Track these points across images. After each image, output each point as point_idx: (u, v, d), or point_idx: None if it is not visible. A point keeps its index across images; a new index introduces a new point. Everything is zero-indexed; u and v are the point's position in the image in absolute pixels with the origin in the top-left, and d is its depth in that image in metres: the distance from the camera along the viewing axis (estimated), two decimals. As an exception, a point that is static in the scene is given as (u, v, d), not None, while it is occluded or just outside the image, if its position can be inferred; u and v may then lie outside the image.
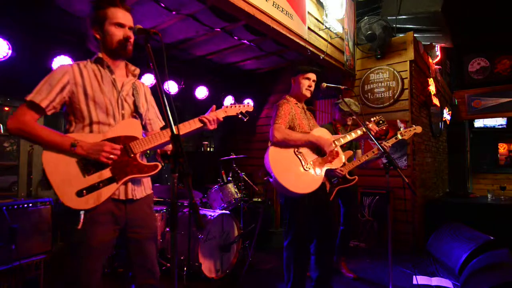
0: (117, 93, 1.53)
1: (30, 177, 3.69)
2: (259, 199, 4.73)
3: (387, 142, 2.92)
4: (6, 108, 4.02)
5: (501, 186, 4.96)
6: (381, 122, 2.77)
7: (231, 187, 3.59)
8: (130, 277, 1.54)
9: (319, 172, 2.35)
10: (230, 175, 3.88)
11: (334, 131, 3.27)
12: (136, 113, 1.58)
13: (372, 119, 2.78)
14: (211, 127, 1.68)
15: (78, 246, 1.36)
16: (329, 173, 2.97)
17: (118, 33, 1.51)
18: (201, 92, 4.69)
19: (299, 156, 2.33)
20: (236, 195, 3.56)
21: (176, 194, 1.15)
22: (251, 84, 5.69)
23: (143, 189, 1.58)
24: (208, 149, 6.21)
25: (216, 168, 4.08)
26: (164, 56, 1.57)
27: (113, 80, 1.54)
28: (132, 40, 1.55)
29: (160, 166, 1.51)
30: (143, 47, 1.41)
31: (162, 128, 1.72)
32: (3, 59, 2.85)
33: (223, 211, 3.31)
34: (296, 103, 2.53)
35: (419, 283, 3.02)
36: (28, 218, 2.66)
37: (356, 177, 2.99)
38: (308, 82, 2.51)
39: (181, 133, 1.56)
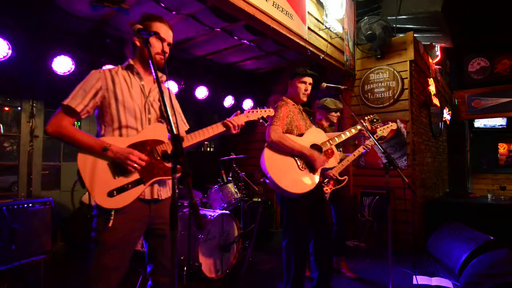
0: (145, 99, 1.60)
1: (30, 177, 3.69)
2: (259, 199, 4.73)
3: (370, 142, 2.97)
4: (6, 108, 4.02)
5: (501, 186, 4.96)
6: (375, 120, 2.77)
7: (231, 187, 3.59)
8: (148, 272, 1.61)
9: (315, 172, 2.35)
10: (230, 175, 3.88)
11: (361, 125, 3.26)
12: (162, 117, 1.65)
13: (366, 118, 2.77)
14: (235, 131, 1.77)
15: (109, 244, 1.42)
16: (322, 174, 2.98)
17: (158, 46, 1.59)
18: (201, 92, 4.69)
19: (295, 157, 2.33)
20: (236, 195, 3.56)
21: (176, 194, 1.15)
22: (251, 84, 5.69)
23: (168, 189, 1.66)
24: (208, 149, 6.21)
25: (216, 168, 4.08)
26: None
27: (141, 86, 1.61)
28: (167, 54, 1.64)
29: (181, 169, 1.56)
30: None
31: (187, 132, 1.78)
32: (3, 59, 2.85)
33: (223, 211, 3.31)
34: (294, 105, 2.53)
35: (419, 283, 3.02)
36: (28, 218, 2.66)
37: (346, 177, 2.97)
38: (304, 86, 2.50)
39: (205, 137, 1.68)
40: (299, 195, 2.26)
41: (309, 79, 2.52)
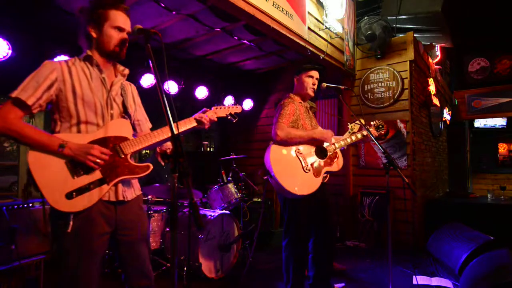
0: (107, 93, 1.49)
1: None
2: (259, 199, 4.73)
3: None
4: (6, 108, 4.01)
5: (501, 186, 4.96)
6: (380, 126, 2.78)
7: (231, 187, 3.59)
8: (123, 279, 1.52)
9: (319, 175, 2.35)
10: (230, 175, 3.88)
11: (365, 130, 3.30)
12: (125, 113, 1.55)
13: (372, 123, 2.77)
14: (206, 126, 1.72)
15: (70, 250, 1.31)
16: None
17: (117, 37, 1.48)
18: (201, 92, 4.69)
19: (300, 157, 2.33)
20: (236, 195, 3.56)
21: (176, 194, 1.15)
22: (251, 84, 5.69)
23: (133, 190, 1.55)
24: (208, 149, 6.21)
25: (216, 168, 4.08)
26: (164, 56, 1.57)
27: (102, 79, 1.49)
28: (127, 44, 1.53)
29: (151, 167, 1.49)
30: (143, 47, 1.40)
31: (152, 129, 1.71)
32: (3, 59, 2.85)
33: (223, 211, 3.31)
34: (301, 102, 2.52)
35: (419, 283, 3.02)
36: (28, 218, 2.66)
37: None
38: (312, 80, 2.50)
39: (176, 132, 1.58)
40: (301, 196, 2.26)
41: (316, 74, 2.53)
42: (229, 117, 1.90)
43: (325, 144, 2.47)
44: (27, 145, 1.30)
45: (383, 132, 2.79)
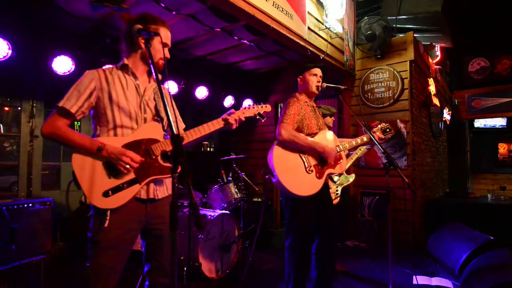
0: (140, 98, 1.60)
1: (30, 177, 3.69)
2: (259, 199, 4.73)
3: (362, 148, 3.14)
4: (6, 108, 4.02)
5: (501, 186, 4.96)
6: (387, 130, 2.74)
7: (231, 187, 3.59)
8: (145, 272, 1.60)
9: (321, 176, 2.34)
10: (230, 175, 3.88)
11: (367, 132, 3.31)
12: (157, 116, 1.64)
13: (379, 126, 2.75)
14: (234, 127, 1.78)
15: (105, 244, 1.42)
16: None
17: (160, 50, 1.59)
18: (201, 92, 4.69)
19: (303, 158, 2.32)
20: (236, 195, 3.56)
21: (176, 194, 1.15)
22: (251, 84, 5.69)
23: (165, 189, 1.64)
24: (208, 149, 6.21)
25: (216, 168, 4.08)
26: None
27: (136, 85, 1.60)
28: (168, 57, 1.64)
29: (179, 168, 1.55)
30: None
31: (186, 130, 1.78)
32: (3, 59, 2.85)
33: (223, 211, 3.31)
34: (306, 102, 2.50)
35: (419, 283, 3.02)
36: (28, 218, 2.66)
37: (354, 174, 3.03)
38: (316, 78, 2.49)
39: (205, 133, 1.68)
40: (303, 197, 2.25)
41: (319, 71, 2.52)
42: (257, 117, 1.94)
43: (329, 145, 2.43)
44: (71, 147, 1.44)
45: (390, 136, 2.76)
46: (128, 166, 1.45)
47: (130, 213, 1.48)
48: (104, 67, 1.59)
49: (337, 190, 3.12)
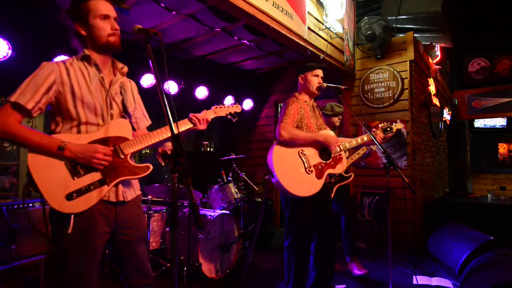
0: (106, 92, 1.47)
1: (30, 177, 3.69)
2: (259, 199, 4.73)
3: (359, 152, 3.17)
4: (6, 108, 4.01)
5: (501, 186, 4.96)
6: (388, 129, 2.75)
7: (231, 187, 3.59)
8: (122, 279, 1.51)
9: (321, 176, 2.34)
10: (230, 175, 3.88)
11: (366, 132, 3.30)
12: (124, 112, 1.53)
13: (380, 125, 2.75)
14: (201, 127, 1.67)
15: (70, 250, 1.31)
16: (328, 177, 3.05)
17: (105, 26, 1.44)
18: (201, 92, 4.69)
19: (303, 158, 2.32)
20: (236, 195, 3.56)
21: (176, 194, 1.15)
22: (251, 84, 5.69)
23: (133, 190, 1.55)
24: (208, 149, 6.21)
25: (216, 168, 4.08)
26: (164, 56, 1.57)
27: (101, 78, 1.47)
28: (119, 31, 1.49)
29: (151, 168, 1.48)
30: (143, 47, 1.40)
31: (149, 127, 1.70)
32: (3, 59, 2.85)
33: (223, 211, 3.31)
34: (305, 101, 2.50)
35: (419, 283, 3.02)
36: (28, 218, 2.66)
37: (352, 174, 3.03)
38: (317, 79, 2.49)
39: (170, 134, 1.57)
40: (303, 197, 2.25)
41: (321, 72, 2.52)
42: (228, 117, 1.87)
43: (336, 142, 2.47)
44: (26, 147, 1.30)
45: (390, 135, 2.76)
46: (103, 162, 1.34)
47: (99, 217, 1.37)
48: (59, 59, 1.43)
49: (331, 188, 3.12)
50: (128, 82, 1.64)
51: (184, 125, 1.64)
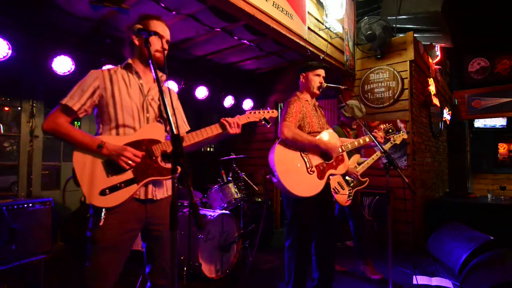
0: (143, 98, 1.59)
1: (30, 177, 3.69)
2: (259, 199, 4.73)
3: (386, 147, 3.07)
4: (6, 108, 4.01)
5: (501, 186, 4.96)
6: (390, 130, 2.74)
7: (231, 187, 3.59)
8: (146, 274, 1.61)
9: (323, 177, 2.34)
10: (230, 175, 3.88)
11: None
12: (160, 117, 1.63)
13: (382, 127, 2.75)
14: (232, 130, 1.70)
15: (99, 242, 1.42)
16: (345, 175, 3.08)
17: (157, 43, 1.58)
18: (201, 92, 4.69)
19: (305, 159, 2.31)
20: (236, 195, 3.56)
21: (176, 194, 1.15)
22: (251, 84, 5.69)
23: (165, 190, 1.63)
24: (208, 149, 6.21)
25: (216, 168, 4.08)
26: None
27: (140, 85, 1.61)
28: (166, 51, 1.63)
29: (179, 170, 1.53)
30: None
31: (188, 133, 1.75)
32: (3, 59, 2.85)
33: (223, 211, 3.31)
34: (307, 101, 2.50)
35: (419, 283, 3.02)
36: (28, 218, 2.66)
37: (367, 179, 3.06)
38: (319, 79, 2.49)
39: (203, 138, 1.64)
40: (304, 198, 2.25)
41: (322, 72, 2.52)
42: (263, 122, 1.89)
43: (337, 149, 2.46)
44: (72, 144, 1.45)
45: (392, 136, 2.76)
46: (130, 162, 1.45)
47: (129, 213, 1.48)
48: (105, 67, 1.60)
49: (350, 192, 3.12)
50: (167, 90, 1.73)
51: (216, 130, 1.69)
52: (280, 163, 2.23)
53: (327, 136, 2.45)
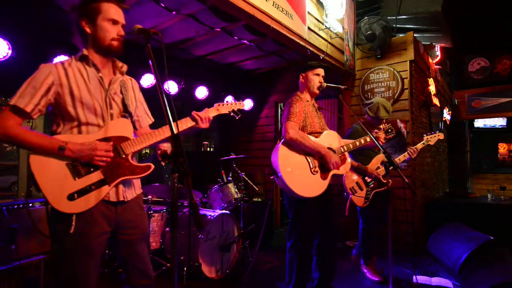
0: (105, 92, 1.47)
1: (30, 177, 3.69)
2: (259, 199, 4.73)
3: (416, 147, 3.09)
4: (6, 108, 4.02)
5: (501, 186, 4.96)
6: (389, 130, 2.73)
7: (231, 187, 3.59)
8: (123, 279, 1.53)
9: (326, 177, 2.34)
10: (230, 175, 3.87)
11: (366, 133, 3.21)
12: (125, 112, 1.53)
13: (381, 127, 2.75)
14: (203, 125, 1.65)
15: (71, 250, 1.33)
16: (365, 176, 3.01)
17: (112, 30, 1.45)
18: (201, 92, 4.69)
19: (308, 159, 2.31)
20: (236, 195, 3.56)
21: (176, 194, 1.15)
22: (251, 84, 5.69)
23: (134, 189, 1.55)
24: (208, 149, 6.21)
25: (216, 168, 4.08)
26: (164, 56, 1.56)
27: (100, 78, 1.47)
28: (123, 38, 1.51)
29: (152, 167, 1.48)
30: (143, 47, 1.40)
31: (151, 126, 1.69)
32: (3, 59, 2.85)
33: (223, 211, 3.31)
34: (308, 101, 2.50)
35: (419, 283, 3.02)
36: (28, 218, 2.66)
37: (390, 180, 2.92)
38: (318, 78, 2.49)
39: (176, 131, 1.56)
40: (307, 198, 2.25)
41: (322, 72, 2.52)
42: (232, 114, 1.85)
43: (335, 147, 2.42)
44: (28, 149, 1.31)
45: (391, 136, 2.76)
46: (104, 158, 1.35)
47: (99, 216, 1.38)
48: (61, 60, 1.44)
49: (368, 194, 3.01)
50: (129, 81, 1.63)
51: (186, 123, 1.63)
52: (284, 164, 2.23)
53: (329, 136, 2.45)
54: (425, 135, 3.19)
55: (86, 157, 1.33)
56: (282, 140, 2.31)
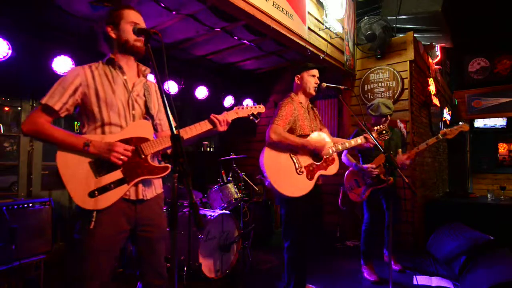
0: (128, 94, 1.54)
1: (30, 177, 3.69)
2: (259, 199, 4.73)
3: (428, 142, 3.14)
4: (6, 108, 4.02)
5: (501, 186, 4.95)
6: (384, 132, 2.70)
7: (231, 187, 3.59)
8: (138, 275, 1.57)
9: (312, 177, 2.34)
10: (230, 175, 3.87)
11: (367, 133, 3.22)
12: (147, 114, 1.59)
13: (375, 128, 2.74)
14: (221, 128, 1.68)
15: (90, 245, 1.38)
16: (363, 173, 3.06)
17: (130, 31, 1.54)
18: (201, 92, 4.69)
19: (294, 159, 2.32)
20: (236, 195, 3.56)
21: (176, 194, 1.15)
22: (251, 84, 5.69)
23: (154, 189, 1.60)
24: (208, 149, 6.21)
25: (216, 168, 4.08)
26: (164, 56, 1.57)
27: (124, 81, 1.55)
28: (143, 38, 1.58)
29: (170, 168, 1.52)
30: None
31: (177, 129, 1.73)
32: (3, 59, 2.86)
33: (223, 211, 3.31)
34: (301, 103, 2.50)
35: (419, 283, 3.02)
36: (28, 218, 2.66)
37: (391, 178, 2.97)
38: (314, 79, 2.49)
39: (192, 135, 1.61)
40: (294, 198, 2.26)
41: (317, 72, 2.51)
42: (251, 118, 1.88)
43: (327, 148, 2.43)
44: (55, 145, 1.39)
45: (386, 138, 2.75)
46: (122, 157, 1.40)
47: (119, 214, 1.43)
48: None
49: (364, 190, 3.08)
50: (153, 85, 1.69)
51: (205, 126, 1.66)
52: (269, 165, 2.26)
53: (317, 135, 2.45)
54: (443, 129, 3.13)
55: (106, 154, 1.39)
56: (266, 143, 2.32)
